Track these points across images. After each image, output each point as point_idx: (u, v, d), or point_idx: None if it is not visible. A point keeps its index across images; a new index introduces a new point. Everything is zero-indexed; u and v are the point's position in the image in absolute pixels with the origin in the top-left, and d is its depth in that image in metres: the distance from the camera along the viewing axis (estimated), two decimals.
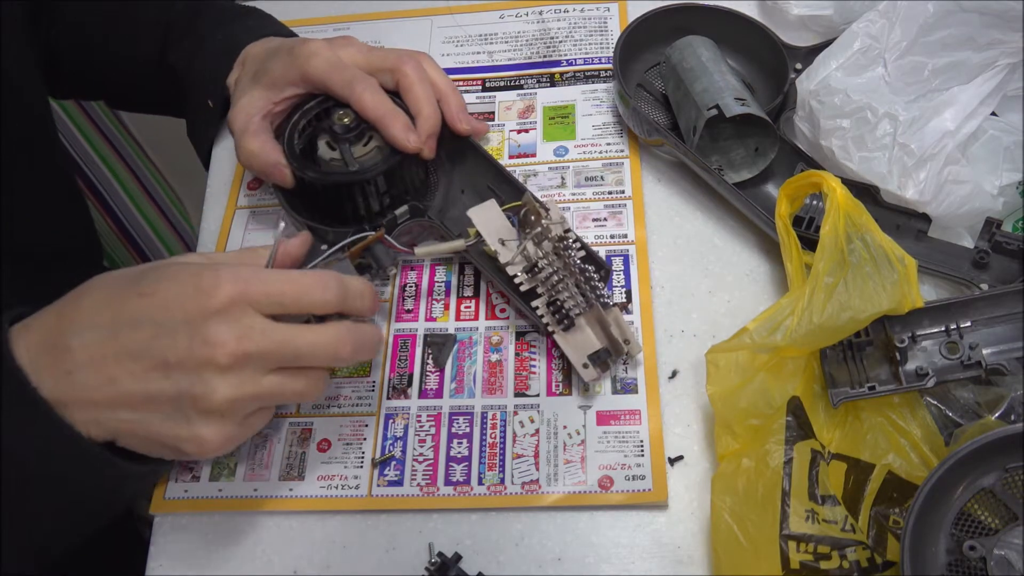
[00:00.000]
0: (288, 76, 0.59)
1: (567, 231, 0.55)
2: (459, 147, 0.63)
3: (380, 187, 0.59)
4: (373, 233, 0.55)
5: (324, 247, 0.53)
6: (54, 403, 0.43)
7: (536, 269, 0.54)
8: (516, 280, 0.54)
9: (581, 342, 0.55)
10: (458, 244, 0.56)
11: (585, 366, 0.54)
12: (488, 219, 0.56)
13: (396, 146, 0.58)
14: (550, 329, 0.55)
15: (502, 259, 0.55)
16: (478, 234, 0.56)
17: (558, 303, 0.54)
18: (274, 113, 0.61)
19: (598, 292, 0.54)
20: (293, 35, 0.69)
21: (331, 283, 0.47)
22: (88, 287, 0.46)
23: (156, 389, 0.44)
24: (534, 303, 0.55)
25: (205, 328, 0.43)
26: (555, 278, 0.54)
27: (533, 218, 0.54)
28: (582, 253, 0.55)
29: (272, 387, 0.45)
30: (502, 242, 0.55)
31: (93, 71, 0.72)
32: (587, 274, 0.54)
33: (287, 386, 0.46)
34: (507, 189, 0.61)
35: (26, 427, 0.44)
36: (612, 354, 0.55)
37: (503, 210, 0.57)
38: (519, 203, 0.56)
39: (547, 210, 0.55)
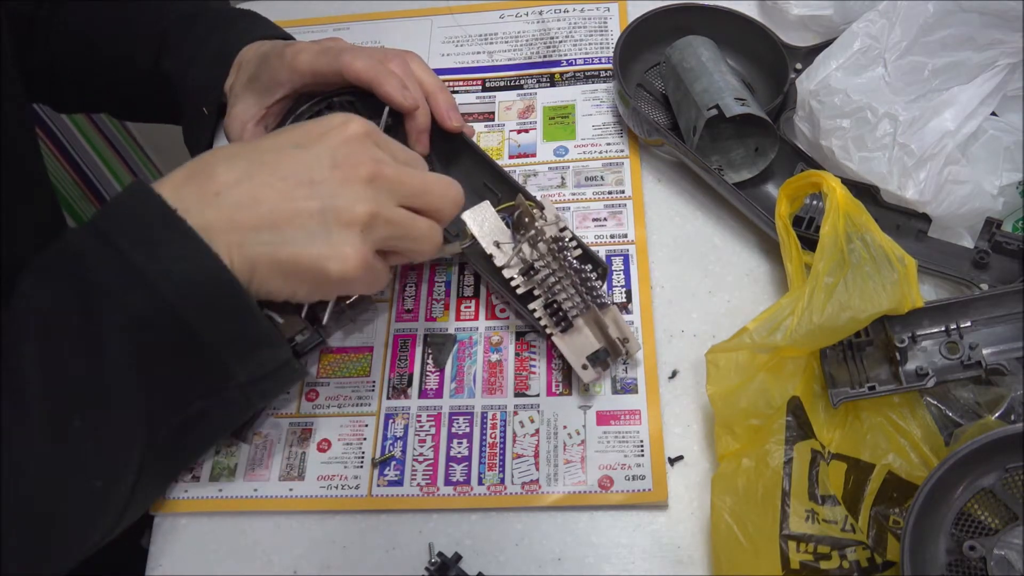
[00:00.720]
0: (278, 78, 0.59)
1: (563, 230, 0.54)
2: (454, 147, 0.63)
3: None
4: None
5: None
6: (200, 229, 0.43)
7: (532, 271, 0.54)
8: (512, 283, 0.54)
9: (580, 343, 0.55)
10: (454, 247, 0.56)
11: (584, 367, 0.54)
12: (482, 221, 0.56)
13: (392, 104, 0.58)
14: (548, 331, 0.55)
15: (498, 262, 0.55)
16: (474, 236, 0.55)
17: (555, 304, 0.54)
18: (268, 117, 0.61)
19: (595, 292, 0.54)
20: (287, 36, 0.69)
21: (454, 187, 0.51)
22: (215, 149, 0.49)
23: (302, 204, 0.45)
24: (531, 305, 0.55)
25: (346, 150, 0.46)
26: (551, 279, 0.54)
27: (527, 220, 0.54)
28: (578, 252, 0.55)
29: (403, 218, 0.48)
30: (497, 244, 0.55)
31: (93, 83, 0.72)
32: (584, 274, 0.54)
33: (414, 222, 0.48)
34: (504, 188, 0.61)
35: (172, 256, 0.43)
36: (611, 354, 0.55)
37: (497, 211, 0.56)
38: (512, 204, 0.56)
39: (542, 208, 0.55)
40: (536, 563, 0.52)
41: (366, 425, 0.57)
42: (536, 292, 0.54)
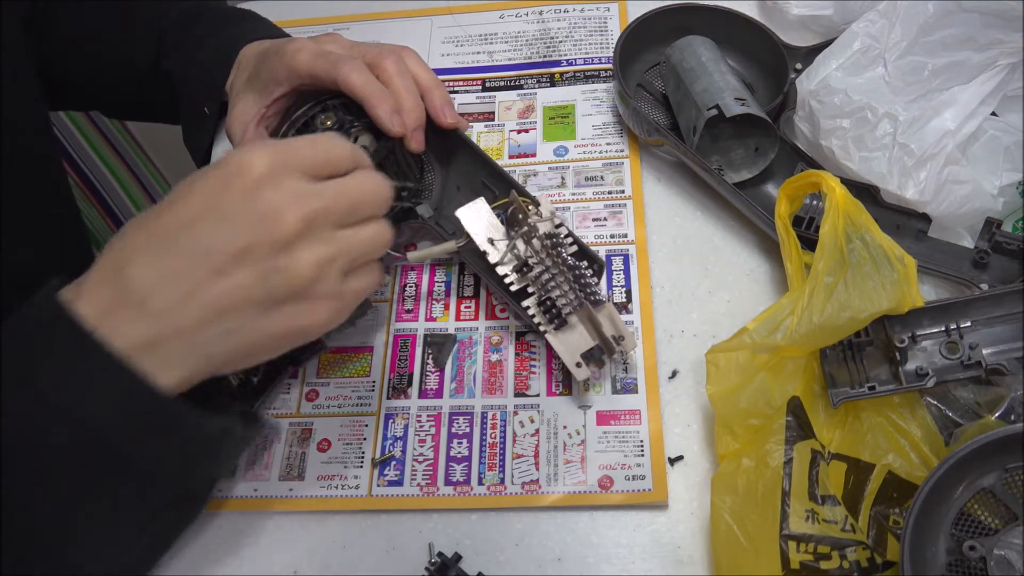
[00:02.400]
0: (276, 76, 0.59)
1: (559, 226, 0.54)
2: (451, 144, 0.63)
3: None
4: None
5: None
6: (133, 351, 0.39)
7: (526, 268, 0.54)
8: (506, 280, 0.54)
9: (574, 341, 0.54)
10: (449, 246, 0.56)
11: (578, 365, 0.54)
12: (477, 218, 0.55)
13: (381, 127, 0.57)
14: (542, 328, 0.54)
15: (491, 259, 0.54)
16: (468, 234, 0.55)
17: (549, 301, 0.54)
18: (268, 117, 0.61)
19: (589, 290, 0.54)
20: (287, 36, 0.69)
21: (338, 139, 0.45)
22: (127, 225, 0.42)
23: (240, 281, 0.39)
24: (525, 302, 0.54)
25: (259, 204, 0.40)
26: (545, 276, 0.53)
27: (520, 216, 0.54)
28: (574, 248, 0.54)
29: (348, 240, 0.43)
30: (491, 241, 0.55)
31: (88, 81, 0.71)
32: (579, 271, 0.53)
33: (359, 235, 0.43)
34: (501, 185, 0.61)
35: (97, 386, 0.39)
36: (606, 352, 0.55)
37: (492, 208, 0.56)
38: (506, 200, 0.55)
39: (537, 205, 0.55)
40: (536, 563, 0.52)
41: (366, 425, 0.57)
42: (530, 289, 0.54)
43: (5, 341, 0.40)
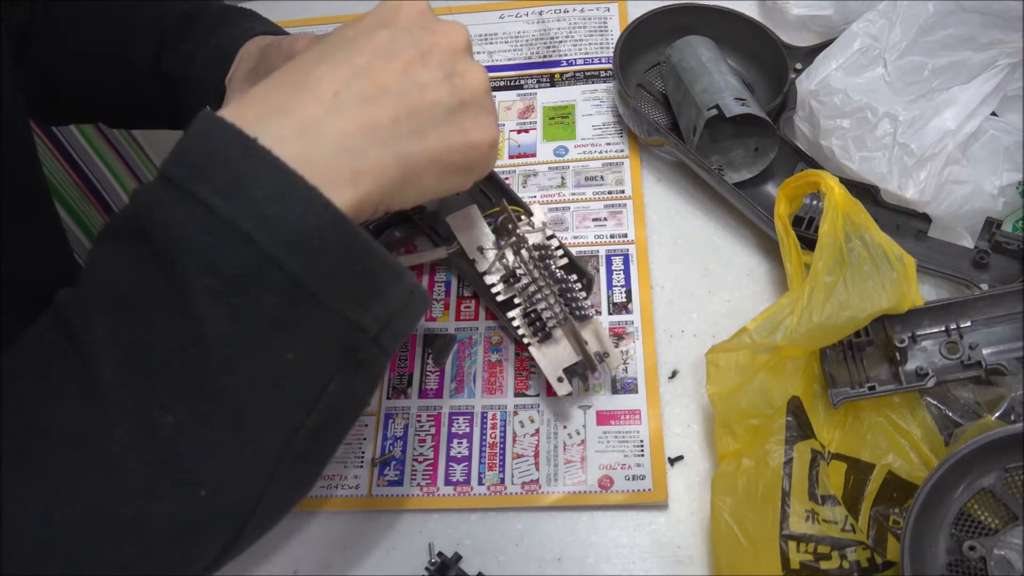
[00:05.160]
0: (274, 70, 0.59)
1: (550, 237, 0.54)
2: None
3: None
4: None
5: None
6: (332, 142, 0.35)
7: (513, 278, 0.53)
8: (493, 290, 0.53)
9: (557, 355, 0.53)
10: (439, 252, 0.55)
11: (560, 380, 0.52)
12: (468, 225, 0.55)
13: None
14: (526, 341, 0.53)
15: (480, 267, 0.54)
16: (458, 241, 0.55)
17: (534, 314, 0.52)
18: None
19: (576, 304, 0.52)
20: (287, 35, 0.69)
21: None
22: (279, 72, 0.40)
23: (429, 79, 0.39)
24: (510, 313, 0.53)
25: (431, 21, 0.42)
26: (532, 288, 0.52)
27: (510, 226, 0.53)
28: (564, 261, 0.54)
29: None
30: (480, 250, 0.54)
31: (89, 87, 0.71)
32: (566, 284, 0.52)
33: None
34: (495, 191, 0.61)
35: (267, 195, 0.33)
36: (588, 368, 0.53)
37: (484, 216, 0.56)
38: (496, 210, 0.55)
39: (530, 214, 0.54)
40: (536, 563, 0.52)
41: (366, 425, 0.57)
42: (516, 300, 0.53)
43: (173, 163, 0.34)
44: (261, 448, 0.35)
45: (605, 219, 0.64)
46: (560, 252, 0.54)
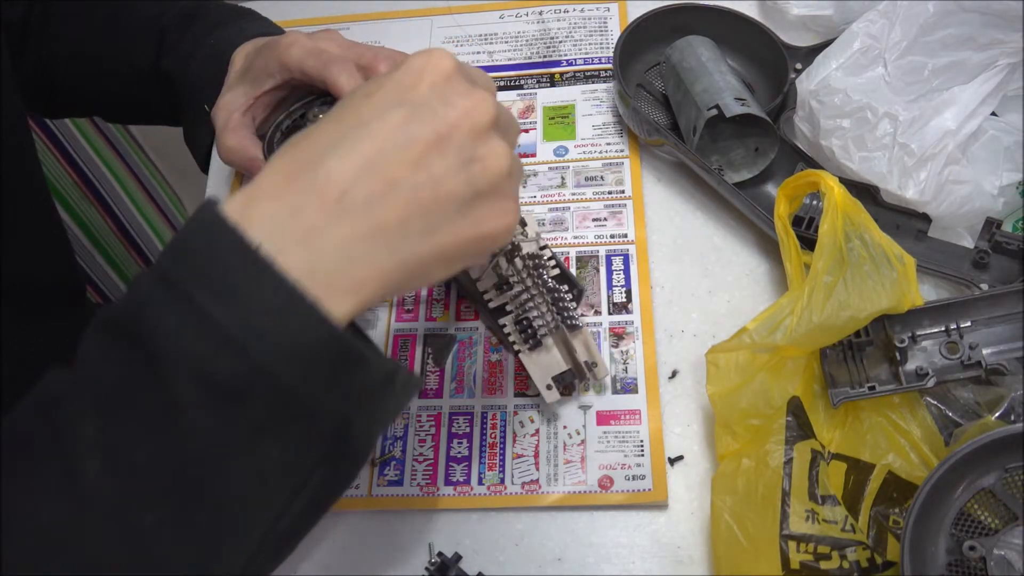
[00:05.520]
0: (268, 68, 0.59)
1: (543, 248, 0.54)
2: None
3: None
4: None
5: None
6: (337, 248, 0.34)
7: (506, 285, 0.53)
8: (486, 296, 0.54)
9: (547, 363, 0.53)
10: None
11: (548, 387, 0.53)
12: None
13: None
14: (516, 348, 0.53)
15: (473, 273, 0.54)
16: None
17: (526, 321, 0.53)
18: (255, 108, 0.60)
19: (567, 313, 0.53)
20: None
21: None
22: (288, 146, 0.37)
23: (443, 170, 0.36)
24: (502, 320, 0.53)
25: (454, 95, 0.37)
26: (524, 296, 0.53)
27: None
28: (556, 272, 0.54)
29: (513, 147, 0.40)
30: None
31: (88, 83, 0.71)
32: (558, 294, 0.53)
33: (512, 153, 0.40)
34: None
35: (267, 307, 0.33)
36: (577, 377, 0.54)
37: None
38: None
39: (524, 225, 0.55)
40: (536, 563, 0.52)
41: None
42: (508, 307, 0.53)
43: (167, 260, 0.34)
44: (243, 536, 0.36)
45: (605, 219, 0.64)
46: (552, 263, 0.54)
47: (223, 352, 0.32)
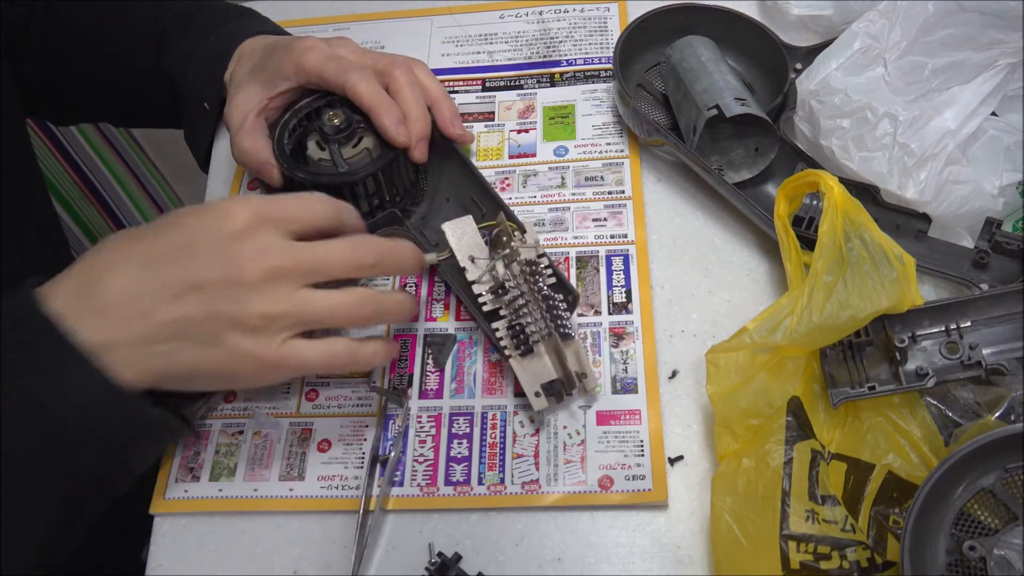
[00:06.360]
0: (283, 70, 0.59)
1: (541, 256, 0.54)
2: (446, 156, 0.63)
3: (369, 189, 0.59)
4: None
5: None
6: (90, 348, 0.43)
7: (502, 290, 0.53)
8: (480, 300, 0.54)
9: (537, 370, 0.53)
10: (430, 258, 0.55)
11: (537, 395, 0.53)
12: (462, 234, 0.55)
13: (387, 137, 0.58)
14: (507, 353, 0.53)
15: (469, 276, 0.54)
16: (451, 248, 0.55)
17: (519, 327, 0.53)
18: (269, 109, 0.61)
19: (560, 322, 0.53)
20: (285, 35, 0.69)
21: (326, 201, 0.49)
22: (107, 240, 0.47)
23: (190, 312, 0.44)
24: (495, 324, 0.54)
25: (230, 249, 0.45)
26: (519, 302, 0.53)
27: (505, 239, 0.54)
28: (552, 280, 0.54)
29: (303, 301, 0.46)
30: (472, 259, 0.54)
31: (91, 85, 0.71)
32: (552, 301, 0.53)
33: (321, 300, 0.47)
34: (490, 204, 0.61)
35: (61, 377, 0.43)
36: (566, 386, 0.54)
37: (479, 228, 0.56)
38: (493, 223, 0.55)
39: (523, 232, 0.55)
40: (536, 563, 0.52)
41: (366, 425, 0.57)
42: (502, 312, 0.54)
43: None
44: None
45: (605, 219, 0.64)
46: (549, 271, 0.54)
47: (28, 410, 0.43)
